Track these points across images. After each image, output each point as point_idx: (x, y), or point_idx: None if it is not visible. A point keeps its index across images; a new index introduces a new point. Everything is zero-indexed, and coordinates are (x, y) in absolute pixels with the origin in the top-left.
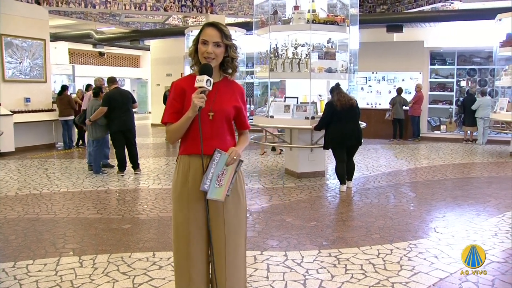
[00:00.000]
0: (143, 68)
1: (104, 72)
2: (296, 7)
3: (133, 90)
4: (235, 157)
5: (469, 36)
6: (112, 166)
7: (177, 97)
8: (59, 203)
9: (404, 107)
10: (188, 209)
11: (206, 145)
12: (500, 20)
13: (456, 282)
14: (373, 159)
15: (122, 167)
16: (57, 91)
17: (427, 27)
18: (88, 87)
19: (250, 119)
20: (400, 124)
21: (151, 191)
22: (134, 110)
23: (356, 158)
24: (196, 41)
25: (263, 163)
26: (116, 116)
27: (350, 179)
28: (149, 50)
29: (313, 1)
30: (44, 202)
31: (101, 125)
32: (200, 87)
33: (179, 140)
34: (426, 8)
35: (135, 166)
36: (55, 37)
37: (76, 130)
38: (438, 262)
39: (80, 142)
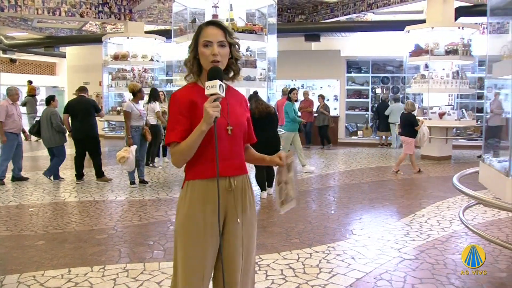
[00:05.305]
0: (59, 76)
1: (17, 80)
2: (214, 16)
3: None
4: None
5: (382, 46)
6: (27, 179)
7: (185, 111)
8: None
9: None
10: (205, 239)
11: (226, 165)
12: (408, 31)
13: (371, 281)
14: None
15: (79, 176)
16: None
17: (343, 36)
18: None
19: None
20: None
21: (67, 204)
22: (100, 119)
23: None
24: (194, 46)
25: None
26: (72, 124)
27: (270, 185)
28: (65, 57)
29: (231, 10)
30: None
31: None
32: (212, 94)
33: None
34: (342, 18)
35: (99, 174)
36: None
37: None
38: (355, 263)
39: None
